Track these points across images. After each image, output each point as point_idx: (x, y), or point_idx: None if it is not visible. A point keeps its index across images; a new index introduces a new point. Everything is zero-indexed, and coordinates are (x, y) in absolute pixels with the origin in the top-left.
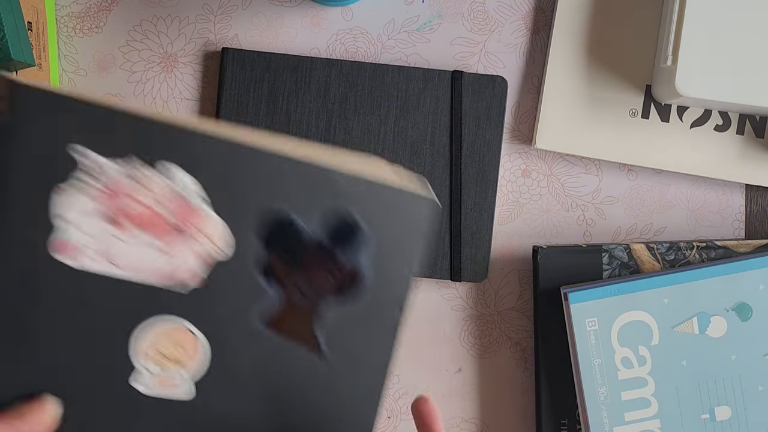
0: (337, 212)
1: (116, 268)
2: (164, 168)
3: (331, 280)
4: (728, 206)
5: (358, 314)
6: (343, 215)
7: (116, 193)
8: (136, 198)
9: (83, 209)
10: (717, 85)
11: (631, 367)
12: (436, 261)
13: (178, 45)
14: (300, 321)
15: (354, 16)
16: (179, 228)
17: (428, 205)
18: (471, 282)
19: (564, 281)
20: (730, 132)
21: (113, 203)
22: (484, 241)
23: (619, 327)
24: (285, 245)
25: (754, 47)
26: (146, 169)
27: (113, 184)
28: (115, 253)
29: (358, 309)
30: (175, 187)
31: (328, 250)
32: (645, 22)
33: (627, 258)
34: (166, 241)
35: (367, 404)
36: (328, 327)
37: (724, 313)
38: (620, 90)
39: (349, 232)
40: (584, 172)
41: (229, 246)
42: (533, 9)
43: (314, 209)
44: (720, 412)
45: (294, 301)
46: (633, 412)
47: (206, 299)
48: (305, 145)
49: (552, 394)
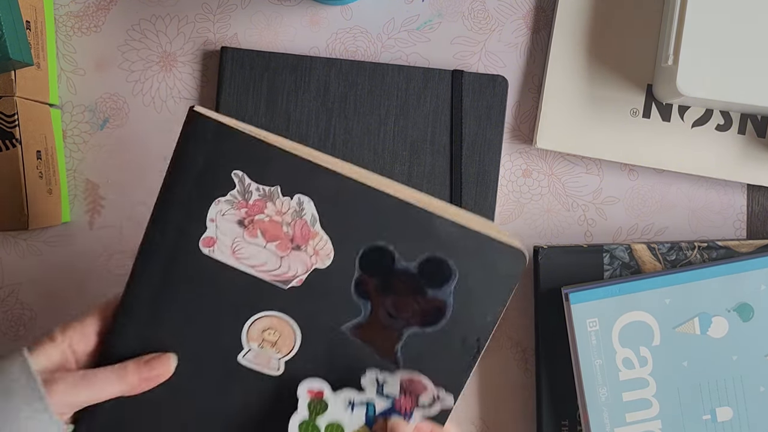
0: (432, 252)
1: (239, 263)
2: (299, 199)
3: (418, 309)
4: (730, 206)
5: (438, 347)
6: (437, 256)
7: (256, 210)
8: (271, 217)
9: (227, 215)
10: (718, 84)
11: (632, 368)
12: None
13: (177, 44)
14: (384, 336)
15: (354, 15)
16: (298, 245)
17: (518, 257)
18: None
19: (565, 281)
20: (732, 132)
21: (251, 216)
22: None
23: (620, 327)
24: (380, 271)
25: (756, 46)
26: (284, 197)
27: (256, 203)
28: (241, 252)
29: (439, 342)
30: (303, 214)
31: (418, 284)
32: (646, 21)
33: (628, 258)
34: (284, 252)
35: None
36: (408, 349)
37: (726, 313)
38: (621, 89)
39: (440, 271)
40: (585, 172)
41: (331, 261)
42: (534, 8)
43: (411, 246)
44: (721, 413)
45: (381, 318)
46: (634, 412)
47: (304, 299)
48: (414, 191)
49: (553, 394)
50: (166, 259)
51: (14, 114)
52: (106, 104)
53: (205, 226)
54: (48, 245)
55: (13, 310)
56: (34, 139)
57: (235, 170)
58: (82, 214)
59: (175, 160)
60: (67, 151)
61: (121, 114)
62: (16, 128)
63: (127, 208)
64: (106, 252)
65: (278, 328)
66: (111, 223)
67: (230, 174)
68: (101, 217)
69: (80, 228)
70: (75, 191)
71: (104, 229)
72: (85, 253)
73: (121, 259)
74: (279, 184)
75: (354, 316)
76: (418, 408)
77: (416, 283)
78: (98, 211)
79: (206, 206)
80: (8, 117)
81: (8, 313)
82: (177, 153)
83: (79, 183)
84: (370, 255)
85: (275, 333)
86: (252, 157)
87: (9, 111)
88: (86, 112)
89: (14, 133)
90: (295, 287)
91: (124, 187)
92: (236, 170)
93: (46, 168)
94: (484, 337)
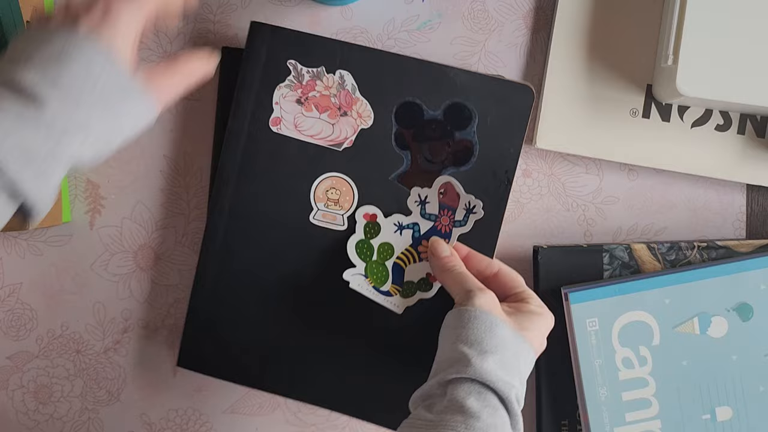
0: (452, 99)
1: (301, 135)
2: (340, 74)
3: (450, 152)
4: (729, 206)
5: (473, 184)
6: (457, 101)
7: (308, 89)
8: (321, 92)
9: (288, 97)
10: (718, 84)
11: (632, 368)
12: None
13: (177, 44)
14: (425, 181)
15: (354, 16)
16: (344, 110)
17: (527, 92)
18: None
19: (565, 281)
20: (731, 132)
21: (305, 94)
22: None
23: (619, 327)
24: (412, 122)
25: (755, 46)
26: (329, 74)
27: (308, 83)
28: (302, 125)
29: (473, 180)
30: (345, 85)
31: (446, 129)
32: (646, 21)
33: (628, 258)
34: (334, 119)
35: (479, 250)
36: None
37: (725, 313)
38: (621, 89)
39: (462, 114)
40: (585, 172)
41: (372, 120)
42: (534, 8)
43: (434, 97)
44: (721, 413)
45: (420, 164)
46: (634, 412)
47: (356, 157)
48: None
49: (553, 394)
50: (244, 140)
51: None
52: None
53: (272, 108)
54: (48, 245)
55: (13, 309)
56: None
57: (289, 59)
58: (83, 214)
59: (245, 60)
60: None
61: None
62: None
63: (127, 207)
64: (107, 252)
65: (338, 186)
66: (111, 223)
67: (286, 63)
68: (102, 217)
69: (81, 228)
70: (75, 191)
71: (104, 228)
72: (85, 253)
73: (121, 259)
74: (323, 65)
75: (398, 167)
76: (455, 227)
77: (444, 128)
78: (98, 211)
79: (270, 92)
80: None
81: (9, 313)
82: (246, 54)
83: (79, 183)
84: (402, 110)
85: (336, 191)
86: (300, 47)
87: None
88: None
89: None
90: (348, 148)
91: (124, 187)
92: (290, 59)
93: None
94: (511, 169)
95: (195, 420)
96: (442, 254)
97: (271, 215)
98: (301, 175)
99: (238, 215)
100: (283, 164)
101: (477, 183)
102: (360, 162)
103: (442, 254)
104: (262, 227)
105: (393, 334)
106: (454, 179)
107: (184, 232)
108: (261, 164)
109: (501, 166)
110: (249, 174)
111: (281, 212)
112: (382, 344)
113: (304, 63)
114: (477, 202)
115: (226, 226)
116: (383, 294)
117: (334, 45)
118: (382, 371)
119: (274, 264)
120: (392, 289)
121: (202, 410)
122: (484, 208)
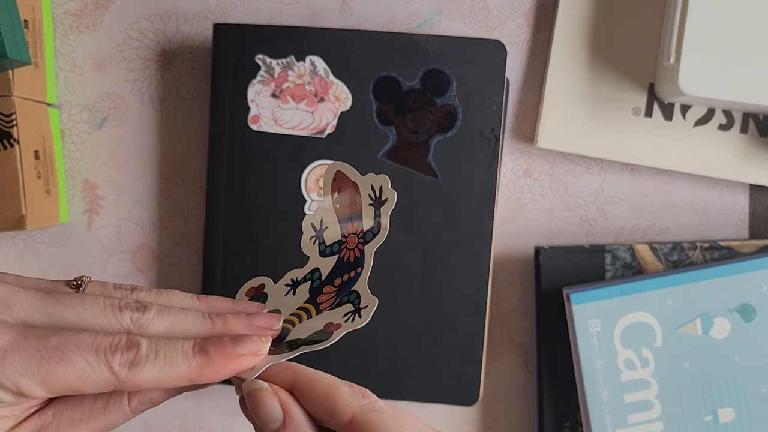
0: (426, 66)
1: (282, 128)
2: (310, 60)
3: (433, 119)
4: (732, 206)
5: (462, 147)
6: (432, 67)
7: (280, 80)
8: (294, 82)
9: (262, 93)
10: (721, 83)
11: (634, 369)
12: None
13: (175, 43)
14: (414, 153)
15: (354, 14)
16: (321, 96)
17: (498, 46)
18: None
19: (566, 282)
20: (734, 131)
21: (278, 86)
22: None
23: (621, 328)
24: (391, 96)
25: (758, 45)
26: (299, 62)
27: (280, 75)
28: (281, 119)
29: (461, 143)
30: (317, 71)
31: (426, 97)
32: (648, 19)
33: (630, 259)
34: (312, 107)
35: (480, 215)
36: (438, 157)
37: (728, 314)
38: (623, 88)
39: (439, 79)
40: (587, 172)
41: (351, 101)
42: (535, 6)
43: (408, 68)
44: (723, 414)
45: (406, 138)
46: (636, 414)
47: (341, 141)
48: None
49: (554, 396)
50: (227, 144)
51: (12, 113)
52: (104, 103)
53: (248, 107)
54: (46, 246)
55: None
56: (32, 138)
57: (257, 55)
58: (81, 215)
59: (215, 65)
60: (65, 151)
61: (119, 113)
62: (14, 128)
63: (125, 208)
64: (105, 252)
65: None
66: (109, 224)
67: (254, 59)
68: (100, 218)
69: (78, 228)
70: (73, 191)
71: (103, 229)
72: (83, 254)
73: (119, 259)
74: (292, 54)
75: (385, 144)
76: (368, 242)
77: (424, 96)
78: (97, 211)
79: (244, 91)
80: (6, 117)
81: None
82: (214, 58)
83: (77, 183)
84: (379, 85)
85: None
86: (265, 40)
87: (7, 110)
88: (84, 112)
89: (12, 133)
90: (331, 134)
91: (122, 187)
92: (258, 54)
93: (44, 168)
94: (497, 127)
95: (194, 422)
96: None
97: (267, 214)
98: (289, 168)
99: (234, 221)
100: (270, 161)
101: (466, 147)
102: (345, 145)
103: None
104: (260, 227)
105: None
106: (345, 164)
107: (183, 232)
108: (248, 165)
109: (486, 125)
110: (238, 177)
111: (276, 209)
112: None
113: (273, 55)
114: (383, 179)
115: (224, 233)
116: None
117: (299, 32)
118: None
119: (277, 262)
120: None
121: (201, 413)
122: (475, 176)
